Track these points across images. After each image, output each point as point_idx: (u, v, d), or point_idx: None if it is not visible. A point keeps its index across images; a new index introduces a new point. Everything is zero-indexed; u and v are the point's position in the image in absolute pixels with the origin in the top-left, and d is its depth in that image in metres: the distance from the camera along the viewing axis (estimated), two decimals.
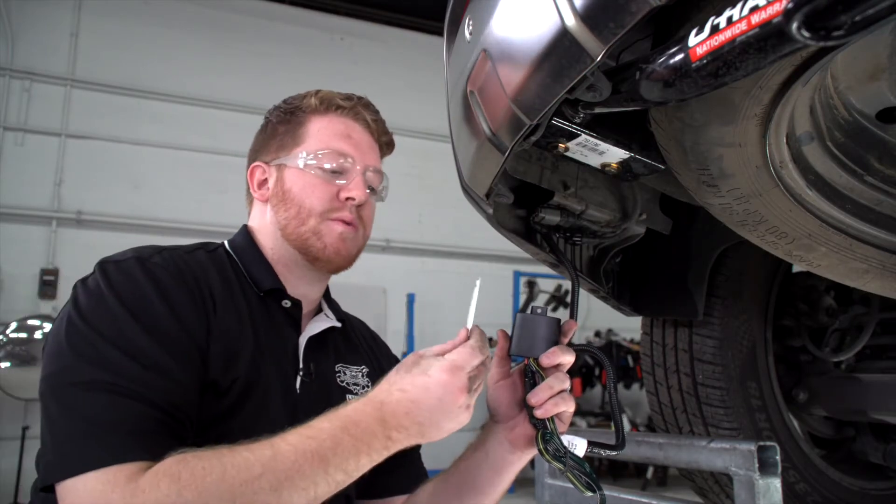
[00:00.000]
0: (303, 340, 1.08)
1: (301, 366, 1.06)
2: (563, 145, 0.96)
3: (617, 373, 6.71)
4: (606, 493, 1.52)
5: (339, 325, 1.16)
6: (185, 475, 0.75)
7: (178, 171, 6.76)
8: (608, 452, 0.99)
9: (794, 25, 0.48)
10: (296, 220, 1.06)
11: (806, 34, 0.48)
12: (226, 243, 1.11)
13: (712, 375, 1.61)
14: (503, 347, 1.00)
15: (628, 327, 7.11)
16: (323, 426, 0.80)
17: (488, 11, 0.85)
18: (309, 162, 1.07)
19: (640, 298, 1.55)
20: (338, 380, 1.12)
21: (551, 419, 0.94)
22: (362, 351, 1.23)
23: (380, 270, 7.57)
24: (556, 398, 0.94)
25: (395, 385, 0.84)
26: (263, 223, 1.11)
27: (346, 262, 1.09)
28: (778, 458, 1.23)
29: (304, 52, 7.63)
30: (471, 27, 0.94)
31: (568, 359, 0.96)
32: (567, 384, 0.95)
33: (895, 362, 1.77)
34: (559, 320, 0.99)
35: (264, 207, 1.11)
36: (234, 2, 7.62)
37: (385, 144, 1.19)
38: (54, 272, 6.17)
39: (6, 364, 5.18)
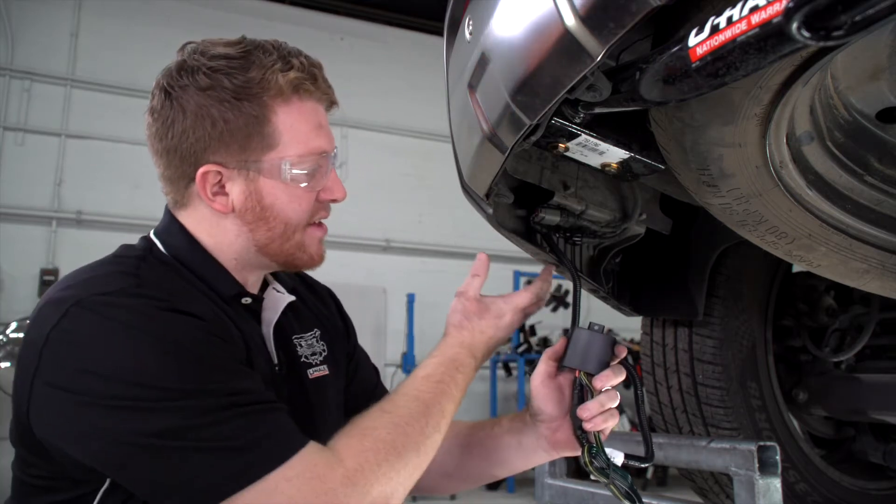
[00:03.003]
0: (268, 331, 1.00)
1: (275, 360, 1.00)
2: (563, 145, 0.96)
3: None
4: (606, 493, 1.52)
5: (293, 299, 1.06)
6: (380, 445, 0.83)
7: None
8: (641, 464, 1.03)
9: (794, 25, 0.48)
10: (281, 238, 0.95)
11: (806, 34, 0.48)
12: (159, 246, 0.96)
13: (712, 375, 1.61)
14: (556, 351, 1.06)
15: (628, 327, 7.10)
16: (440, 371, 0.97)
17: (488, 11, 0.85)
18: (293, 172, 0.92)
19: (640, 298, 1.55)
20: (297, 355, 1.05)
21: (597, 433, 0.98)
22: (309, 312, 1.13)
23: (380, 270, 7.57)
24: (605, 414, 0.98)
25: (476, 329, 1.04)
26: (221, 235, 0.96)
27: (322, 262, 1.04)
28: (778, 458, 1.23)
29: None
30: (471, 27, 0.94)
31: (620, 379, 1.01)
32: (616, 401, 1.00)
33: (895, 362, 1.77)
34: (614, 340, 1.03)
35: (221, 219, 0.95)
36: (234, 2, 7.63)
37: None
38: (54, 272, 6.17)
39: (6, 364, 5.18)
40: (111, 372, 0.78)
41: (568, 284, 4.21)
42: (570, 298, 1.03)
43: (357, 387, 1.17)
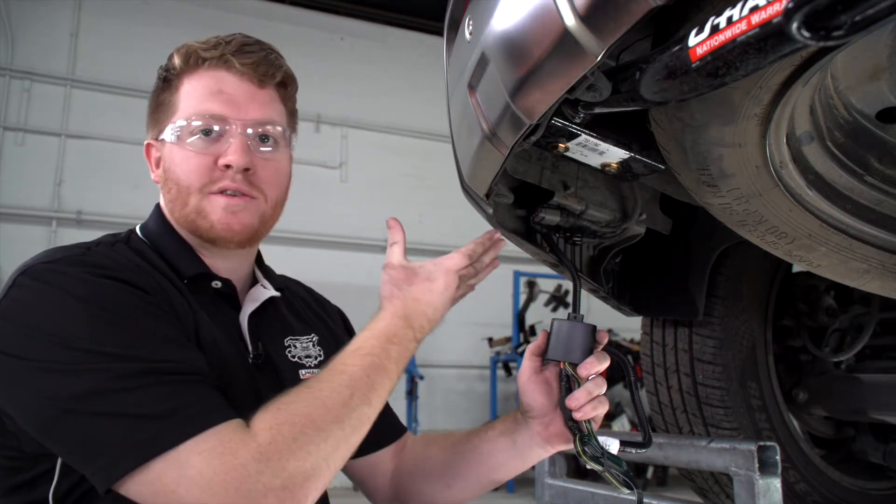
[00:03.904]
0: (244, 319, 1.01)
1: (250, 347, 0.99)
2: (563, 145, 0.96)
3: (618, 371, 6.71)
4: (605, 493, 1.52)
5: (277, 294, 1.08)
6: (296, 418, 0.79)
7: None
8: (637, 450, 1.02)
9: (794, 25, 0.48)
10: (178, 202, 0.97)
11: (806, 34, 0.48)
12: (137, 229, 1.03)
13: (712, 375, 1.61)
14: (539, 346, 1.05)
15: (628, 327, 7.11)
16: (369, 343, 0.91)
17: (488, 11, 0.85)
18: (179, 132, 0.96)
19: (640, 298, 1.55)
20: (288, 355, 1.05)
21: (588, 422, 0.98)
22: (308, 318, 1.15)
23: (380, 270, 7.55)
24: (593, 402, 0.98)
25: (409, 297, 0.98)
26: (165, 205, 1.02)
27: (244, 236, 0.98)
28: (778, 458, 1.23)
29: (304, 52, 7.63)
30: (471, 27, 0.94)
31: (604, 365, 1.00)
32: (604, 388, 0.99)
33: (895, 362, 1.77)
34: (595, 327, 1.02)
35: (160, 190, 1.03)
36: (234, 2, 7.63)
37: (278, 85, 1.02)
38: None
39: None
40: (40, 334, 0.79)
41: (568, 284, 4.21)
42: (570, 298, 1.03)
43: None
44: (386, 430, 1.18)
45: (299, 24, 7.89)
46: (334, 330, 1.19)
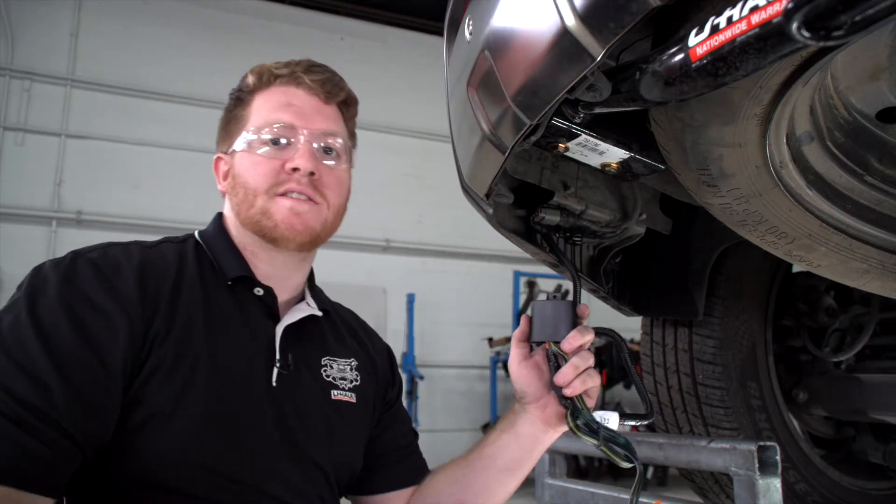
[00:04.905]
0: (279, 330, 1.01)
1: (278, 357, 0.99)
2: (563, 145, 0.96)
3: (618, 372, 6.71)
4: (606, 493, 1.52)
5: (319, 314, 1.09)
6: None
7: (178, 171, 6.76)
8: (641, 422, 1.03)
9: (794, 25, 0.48)
10: (245, 204, 1.01)
11: (806, 34, 0.48)
12: (196, 233, 1.07)
13: (712, 375, 1.61)
14: (523, 331, 1.06)
15: (628, 327, 7.11)
16: None
17: (488, 11, 0.85)
18: (250, 141, 1.02)
19: (640, 298, 1.55)
20: (323, 374, 1.06)
21: (580, 397, 0.98)
22: (351, 343, 1.16)
23: (380, 270, 7.58)
24: (582, 376, 0.98)
25: None
26: (228, 213, 1.07)
27: (306, 237, 1.01)
28: (778, 458, 1.23)
29: (304, 52, 7.57)
30: (471, 27, 0.94)
31: (588, 338, 1.00)
32: (591, 361, 1.00)
33: (895, 362, 1.77)
34: (575, 302, 1.03)
35: (226, 199, 1.08)
36: (234, 2, 7.63)
37: (342, 103, 1.11)
38: None
39: None
40: None
41: (568, 284, 4.21)
42: (570, 298, 1.03)
43: (389, 441, 1.16)
44: (409, 475, 1.16)
45: (299, 24, 7.90)
46: (375, 359, 1.18)
